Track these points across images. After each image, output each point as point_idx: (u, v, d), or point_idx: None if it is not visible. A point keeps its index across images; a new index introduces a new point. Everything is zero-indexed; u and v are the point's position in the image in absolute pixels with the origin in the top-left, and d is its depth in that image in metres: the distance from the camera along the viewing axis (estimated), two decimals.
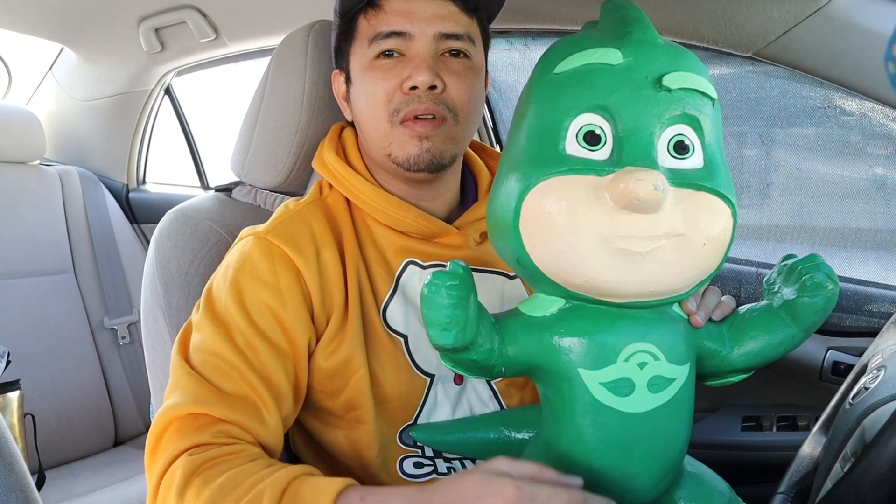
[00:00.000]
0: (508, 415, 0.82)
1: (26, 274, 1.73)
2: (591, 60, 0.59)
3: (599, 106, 0.58)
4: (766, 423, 1.22)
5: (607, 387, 0.61)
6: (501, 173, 0.64)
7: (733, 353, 0.68)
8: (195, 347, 0.75)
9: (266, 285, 0.76)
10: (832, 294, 0.65)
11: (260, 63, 1.83)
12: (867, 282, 1.23)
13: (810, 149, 1.32)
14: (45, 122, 1.93)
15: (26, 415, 1.47)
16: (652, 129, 0.58)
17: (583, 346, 0.62)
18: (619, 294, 0.60)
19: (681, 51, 0.62)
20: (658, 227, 0.57)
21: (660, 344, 0.62)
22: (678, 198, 0.57)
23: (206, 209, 0.99)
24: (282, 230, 0.80)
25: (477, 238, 0.85)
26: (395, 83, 0.77)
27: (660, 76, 0.58)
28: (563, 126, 0.59)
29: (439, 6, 0.78)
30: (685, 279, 0.60)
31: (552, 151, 0.59)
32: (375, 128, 0.80)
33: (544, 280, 0.61)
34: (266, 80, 0.98)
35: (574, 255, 0.58)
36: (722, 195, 0.59)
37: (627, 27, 0.61)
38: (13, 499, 0.59)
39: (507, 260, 0.65)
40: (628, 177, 0.54)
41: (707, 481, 0.71)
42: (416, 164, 0.79)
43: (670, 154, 0.59)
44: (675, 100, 0.59)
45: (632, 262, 0.57)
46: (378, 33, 0.78)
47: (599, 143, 0.58)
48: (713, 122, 0.61)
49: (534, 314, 0.65)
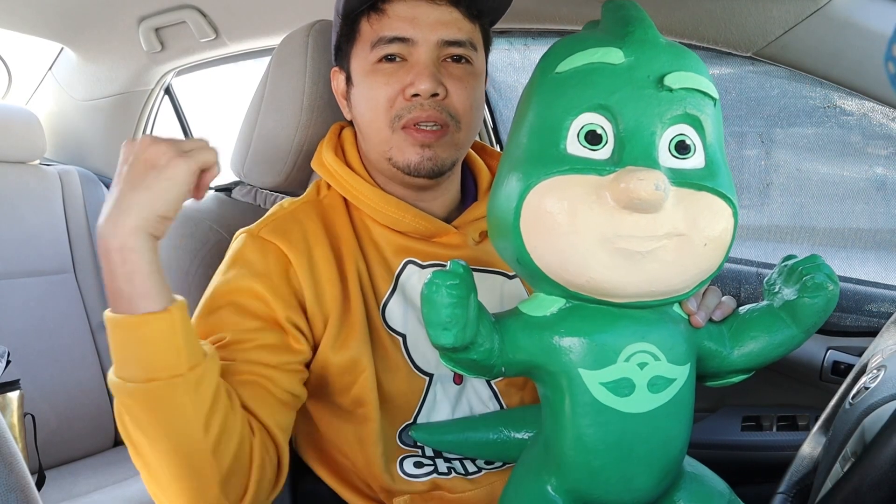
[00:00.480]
0: (508, 415, 0.82)
1: (26, 274, 1.73)
2: (592, 60, 0.59)
3: (601, 105, 0.58)
4: (766, 423, 1.22)
5: (607, 387, 0.61)
6: (502, 173, 0.64)
7: (734, 354, 0.68)
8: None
9: (256, 274, 0.77)
10: (833, 295, 0.65)
11: (260, 63, 1.83)
12: (867, 282, 1.23)
13: (810, 149, 1.32)
14: (45, 122, 1.93)
15: (26, 415, 1.47)
16: (653, 129, 0.58)
17: (583, 345, 0.62)
18: (620, 294, 0.60)
19: (682, 50, 0.62)
20: (659, 227, 0.57)
21: (660, 344, 0.62)
22: (679, 198, 0.57)
23: (205, 209, 0.99)
24: (274, 227, 0.81)
25: (476, 237, 0.85)
26: (396, 88, 0.77)
27: (661, 76, 0.58)
28: (565, 125, 0.59)
29: (443, 12, 0.78)
30: (686, 279, 0.60)
31: (553, 151, 0.59)
32: (376, 132, 0.80)
33: (545, 280, 0.61)
34: (266, 80, 0.98)
35: (575, 254, 0.57)
36: (723, 195, 0.59)
37: (629, 27, 0.60)
38: (13, 499, 0.59)
39: (508, 259, 0.65)
40: (630, 176, 0.54)
41: (707, 482, 0.71)
42: (417, 171, 0.79)
43: (671, 154, 0.59)
44: (677, 99, 0.59)
45: (633, 261, 0.57)
46: (381, 38, 0.77)
47: (601, 142, 0.58)
48: (714, 122, 0.61)
49: (534, 314, 0.64)
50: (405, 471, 0.82)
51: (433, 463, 0.82)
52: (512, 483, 0.70)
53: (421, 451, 0.82)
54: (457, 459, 0.83)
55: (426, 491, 0.82)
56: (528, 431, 0.78)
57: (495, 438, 0.79)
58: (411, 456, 0.82)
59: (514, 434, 0.78)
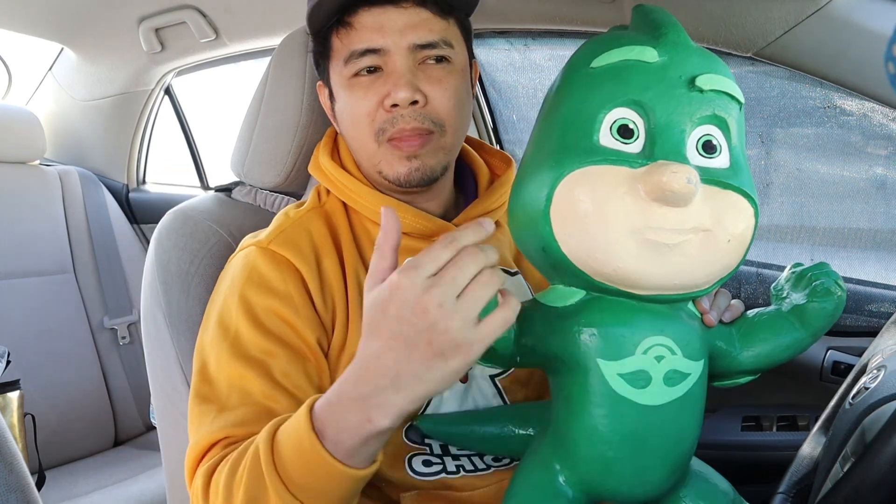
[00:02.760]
0: (513, 410, 0.82)
1: (26, 274, 1.73)
2: (627, 57, 0.61)
3: (634, 101, 0.60)
4: (766, 423, 1.22)
5: (625, 378, 0.62)
6: (532, 163, 0.64)
7: (743, 355, 0.69)
8: (212, 372, 0.75)
9: (276, 294, 0.76)
10: (840, 300, 0.67)
11: (260, 63, 1.83)
12: (867, 282, 1.23)
13: (810, 149, 1.33)
14: (45, 122, 1.93)
15: (26, 415, 1.47)
16: (683, 127, 0.59)
17: (602, 336, 0.62)
18: (645, 285, 0.61)
19: (711, 55, 0.64)
20: (686, 221, 0.58)
21: (676, 339, 0.63)
22: (706, 194, 0.59)
23: (206, 209, 0.99)
24: (284, 238, 0.80)
25: None
26: (375, 101, 0.76)
27: (693, 77, 0.60)
28: (598, 118, 0.60)
29: (411, 15, 0.76)
30: (707, 274, 0.61)
31: (586, 142, 0.60)
32: (363, 147, 0.80)
33: (569, 270, 0.62)
34: (266, 79, 0.98)
35: (604, 243, 0.58)
36: (747, 194, 0.61)
37: (662, 28, 0.62)
38: (13, 499, 0.59)
39: (529, 249, 0.66)
40: (663, 169, 0.56)
41: (711, 481, 0.72)
42: (408, 182, 0.79)
43: (698, 152, 0.60)
44: (707, 100, 0.60)
45: (659, 253, 0.58)
46: (352, 52, 0.77)
47: (632, 136, 0.60)
48: (739, 125, 0.63)
49: (553, 304, 0.65)
50: (414, 468, 0.81)
51: (441, 461, 0.82)
52: (520, 475, 0.70)
53: (429, 448, 0.82)
54: (465, 456, 0.83)
55: (434, 489, 0.82)
56: (532, 428, 0.78)
57: (499, 433, 0.79)
58: (419, 454, 0.82)
59: (518, 430, 0.79)
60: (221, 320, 0.77)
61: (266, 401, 0.72)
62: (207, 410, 0.72)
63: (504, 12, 0.86)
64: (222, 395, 0.73)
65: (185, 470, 0.72)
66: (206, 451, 0.71)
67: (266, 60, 0.99)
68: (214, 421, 0.71)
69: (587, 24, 1.17)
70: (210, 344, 0.77)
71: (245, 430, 0.70)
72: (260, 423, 0.68)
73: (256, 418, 0.70)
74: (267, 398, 0.72)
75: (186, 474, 0.72)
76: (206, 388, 0.74)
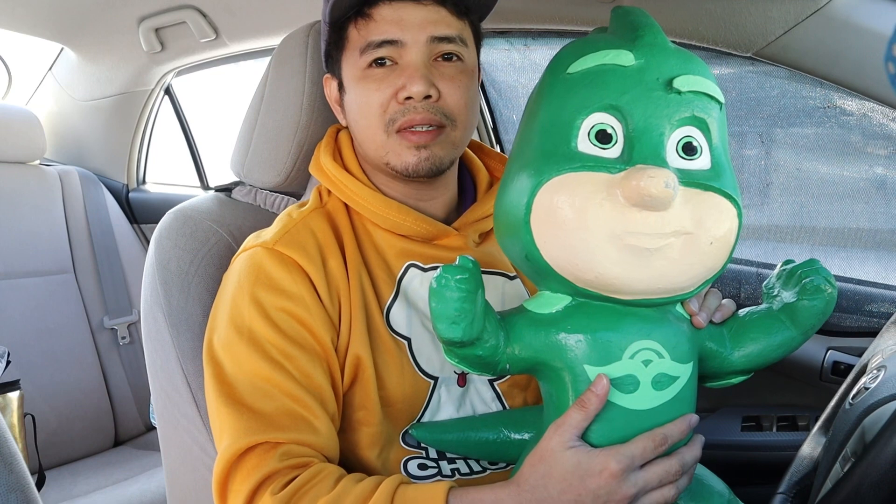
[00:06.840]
0: (508, 415, 0.82)
1: (26, 274, 1.73)
2: (604, 61, 0.60)
3: (611, 105, 0.59)
4: (766, 423, 1.22)
5: (612, 383, 0.62)
6: (512, 170, 0.64)
7: (734, 355, 0.69)
8: (230, 374, 0.75)
9: (287, 295, 0.76)
10: (831, 298, 0.66)
11: (260, 63, 1.83)
12: (867, 282, 1.23)
13: (810, 149, 1.33)
14: (45, 122, 1.93)
15: (26, 415, 1.47)
16: (662, 130, 0.59)
17: (589, 342, 0.62)
18: (628, 290, 0.61)
19: (690, 55, 0.63)
20: (667, 225, 0.58)
21: (664, 342, 0.63)
22: (686, 197, 0.59)
23: (206, 209, 0.99)
24: (289, 239, 0.80)
25: (476, 239, 0.85)
26: (388, 93, 0.77)
27: (671, 79, 0.60)
28: (576, 124, 0.60)
29: (430, 11, 0.77)
30: (691, 277, 0.61)
31: (564, 149, 0.60)
32: (371, 137, 0.80)
33: (552, 276, 0.62)
34: (266, 80, 0.98)
35: (584, 250, 0.58)
36: (729, 196, 0.60)
37: (639, 31, 0.62)
38: (13, 499, 0.59)
39: (515, 257, 0.66)
40: (640, 174, 0.55)
41: (706, 482, 0.72)
42: (416, 172, 0.79)
43: (679, 155, 0.60)
44: (685, 102, 0.60)
45: (641, 258, 0.58)
46: (369, 43, 0.77)
47: (610, 141, 0.60)
48: (720, 125, 0.63)
49: (539, 311, 0.65)
50: (409, 472, 0.81)
51: (437, 465, 0.82)
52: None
53: (425, 452, 0.82)
54: (460, 460, 0.83)
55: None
56: (528, 432, 0.78)
57: (495, 438, 0.79)
58: (415, 458, 0.82)
59: (514, 434, 0.79)
60: (233, 321, 0.77)
61: (294, 403, 0.72)
62: (234, 413, 0.72)
63: (504, 12, 0.87)
64: (247, 397, 0.73)
65: (214, 475, 0.72)
66: (241, 455, 0.70)
67: (266, 60, 0.99)
68: (248, 425, 0.71)
69: (587, 24, 1.17)
70: (224, 346, 0.76)
71: (285, 436, 0.70)
72: (296, 427, 0.70)
73: (291, 422, 0.71)
74: (294, 400, 0.72)
75: (217, 480, 0.71)
76: (227, 390, 0.74)
